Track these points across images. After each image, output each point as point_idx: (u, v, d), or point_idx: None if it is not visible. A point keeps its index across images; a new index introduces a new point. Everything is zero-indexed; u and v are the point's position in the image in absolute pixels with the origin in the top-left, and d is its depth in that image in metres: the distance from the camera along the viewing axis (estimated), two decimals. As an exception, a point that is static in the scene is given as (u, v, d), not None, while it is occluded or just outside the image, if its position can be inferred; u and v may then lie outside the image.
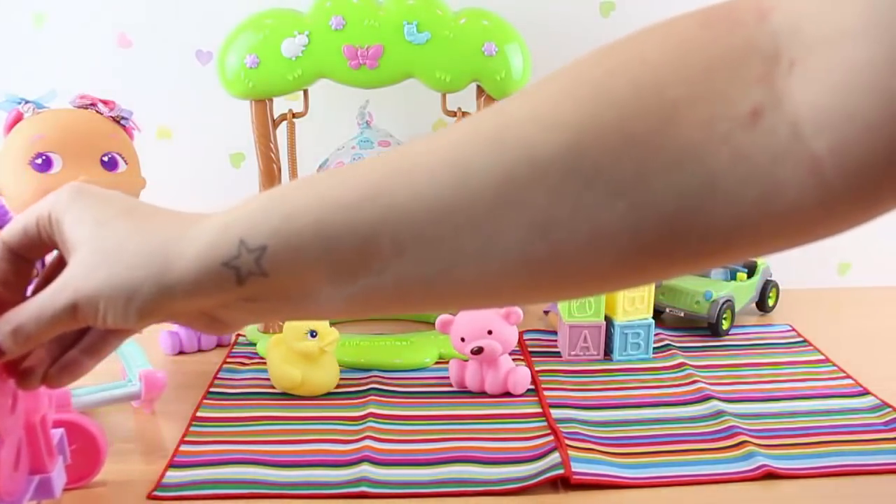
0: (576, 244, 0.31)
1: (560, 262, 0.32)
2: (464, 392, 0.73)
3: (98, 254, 0.34)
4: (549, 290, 0.35)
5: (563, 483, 0.57)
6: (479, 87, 0.82)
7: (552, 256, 0.32)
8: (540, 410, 0.69)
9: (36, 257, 0.39)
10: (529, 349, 0.82)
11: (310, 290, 0.33)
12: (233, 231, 0.33)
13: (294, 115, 0.83)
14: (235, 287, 0.33)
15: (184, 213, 0.36)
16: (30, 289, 0.40)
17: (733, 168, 0.29)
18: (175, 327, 0.83)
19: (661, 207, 0.30)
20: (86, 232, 0.35)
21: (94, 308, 0.34)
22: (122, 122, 0.74)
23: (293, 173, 0.83)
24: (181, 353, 0.83)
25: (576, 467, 0.58)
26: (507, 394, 0.72)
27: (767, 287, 0.92)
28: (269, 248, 0.32)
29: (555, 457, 0.59)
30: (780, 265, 0.96)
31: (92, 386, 0.65)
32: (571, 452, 0.60)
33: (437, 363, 0.79)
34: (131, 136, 0.75)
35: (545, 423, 0.66)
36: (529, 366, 0.77)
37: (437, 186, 0.31)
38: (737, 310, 0.88)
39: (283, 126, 0.83)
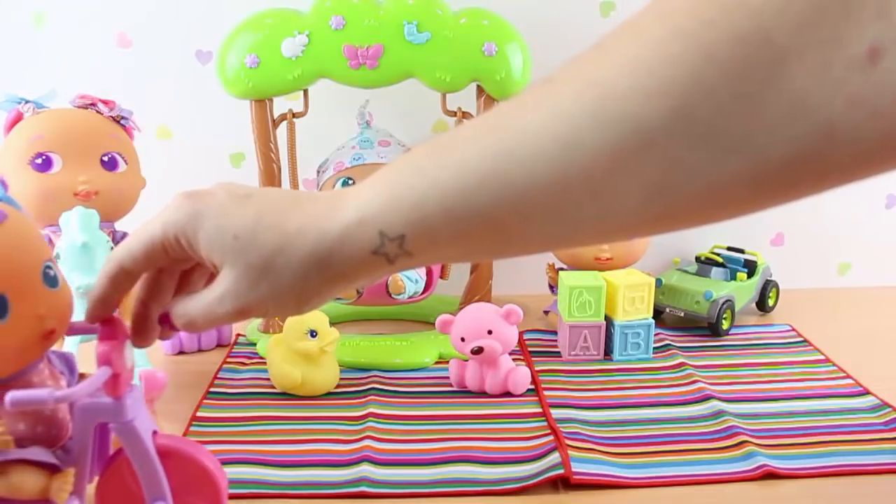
0: (693, 200, 0.32)
1: (678, 216, 0.33)
2: (464, 392, 0.73)
3: (252, 270, 0.38)
4: (666, 231, 0.36)
5: (563, 483, 0.57)
6: (479, 86, 0.82)
7: (669, 212, 0.33)
8: (540, 410, 0.69)
9: (144, 272, 0.43)
10: (529, 349, 0.82)
11: (450, 257, 0.38)
12: (370, 225, 0.36)
13: (294, 115, 0.83)
14: (387, 266, 0.37)
15: (307, 209, 0.38)
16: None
17: (851, 113, 0.28)
18: (175, 327, 0.83)
19: (777, 158, 0.30)
20: (227, 248, 0.38)
21: (263, 311, 0.39)
22: (122, 122, 0.74)
23: (293, 173, 0.83)
24: (181, 352, 0.83)
25: (576, 467, 0.58)
26: (507, 394, 0.72)
27: (767, 287, 0.92)
28: (408, 236, 0.36)
29: (555, 457, 0.59)
30: (780, 265, 0.96)
31: (92, 386, 0.65)
32: (571, 452, 0.60)
33: (437, 363, 0.79)
34: (131, 136, 0.75)
35: (545, 423, 0.66)
36: (529, 366, 0.77)
37: (550, 165, 0.32)
38: (737, 310, 0.88)
39: (283, 126, 0.83)
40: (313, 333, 0.70)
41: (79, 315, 0.45)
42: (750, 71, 0.29)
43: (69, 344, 0.64)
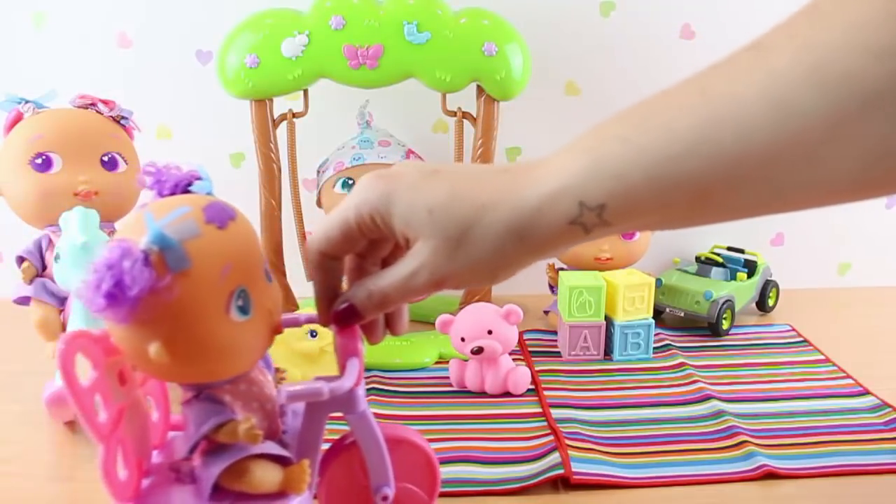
0: None
1: (894, 183, 0.32)
2: (464, 392, 0.73)
3: (449, 241, 0.38)
4: (873, 198, 0.35)
5: (563, 483, 0.57)
6: (479, 86, 0.82)
7: (886, 179, 0.32)
8: (540, 410, 0.69)
9: (345, 255, 0.44)
10: (529, 349, 0.82)
11: (647, 225, 0.38)
12: (569, 195, 0.36)
13: (294, 115, 0.83)
14: (583, 236, 0.37)
15: (500, 181, 0.38)
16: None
17: None
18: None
19: None
20: (423, 222, 0.39)
21: (457, 282, 0.40)
22: (122, 121, 0.74)
23: (293, 173, 0.83)
24: (181, 353, 0.83)
25: (576, 467, 0.58)
26: (507, 394, 0.72)
27: (767, 287, 0.92)
28: (608, 205, 0.36)
29: (555, 457, 0.59)
30: (780, 265, 0.96)
31: (92, 386, 0.65)
32: (571, 452, 0.60)
33: (437, 363, 0.79)
34: (131, 136, 0.75)
35: (545, 423, 0.66)
36: (529, 366, 0.77)
37: (764, 131, 0.32)
38: (737, 310, 0.88)
39: (283, 126, 0.83)
40: (313, 333, 0.70)
41: (76, 317, 0.45)
42: None
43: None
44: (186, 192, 0.42)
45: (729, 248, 0.96)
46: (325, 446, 0.47)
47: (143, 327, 0.37)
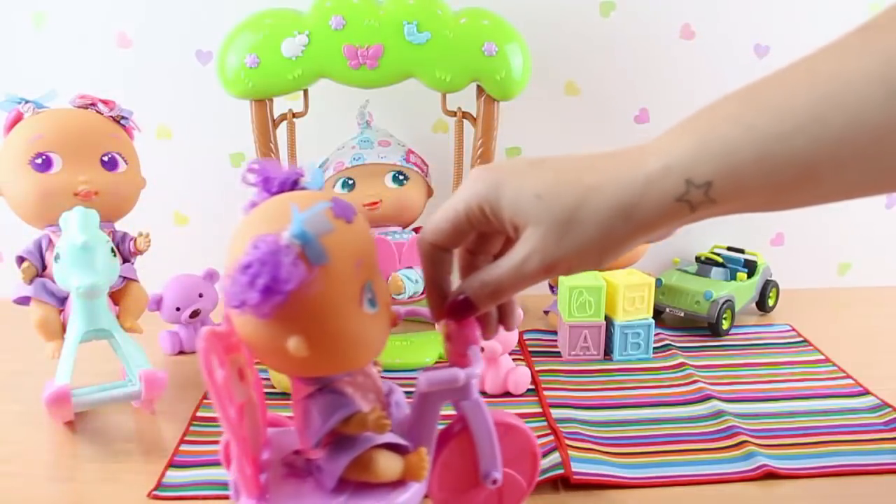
0: None
1: None
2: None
3: (558, 224, 0.39)
4: None
5: (563, 483, 0.57)
6: (479, 86, 0.82)
7: None
8: (540, 410, 0.68)
9: (455, 247, 0.45)
10: (529, 349, 0.82)
11: (752, 206, 0.37)
12: (676, 172, 0.37)
13: (294, 115, 0.83)
14: (689, 214, 0.37)
15: (604, 165, 0.39)
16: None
17: None
18: (175, 327, 0.83)
19: None
20: (531, 207, 0.40)
21: (567, 266, 0.40)
22: (122, 121, 0.74)
23: (293, 173, 0.83)
24: (181, 353, 0.83)
25: (576, 467, 0.58)
26: (507, 394, 0.72)
27: (767, 287, 0.93)
28: (715, 183, 0.36)
29: (555, 457, 0.59)
30: (780, 265, 0.96)
31: (92, 386, 0.65)
32: (571, 452, 0.60)
33: (437, 363, 0.79)
34: (131, 136, 0.75)
35: (545, 423, 0.66)
36: (529, 366, 0.77)
37: (876, 110, 0.32)
38: (737, 310, 0.88)
39: (283, 126, 0.83)
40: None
41: (76, 317, 0.45)
42: None
43: (69, 345, 0.64)
44: (292, 189, 0.44)
45: (729, 248, 0.96)
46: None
47: (284, 322, 0.38)
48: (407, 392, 0.72)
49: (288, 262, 0.37)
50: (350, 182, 0.83)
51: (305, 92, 0.82)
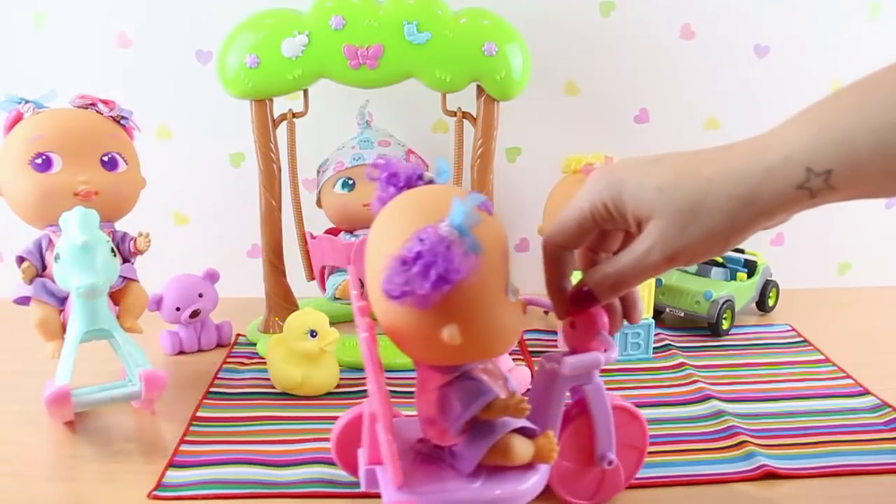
0: None
1: None
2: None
3: (681, 215, 0.41)
4: None
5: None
6: (479, 86, 0.82)
7: None
8: (540, 410, 0.68)
9: (579, 246, 0.48)
10: (529, 349, 0.82)
11: (869, 193, 0.39)
12: (797, 161, 0.39)
13: (294, 115, 0.83)
14: (808, 201, 0.39)
15: (721, 157, 0.41)
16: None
17: None
18: (175, 327, 0.83)
19: None
20: (653, 201, 0.42)
21: (691, 255, 0.42)
22: (122, 121, 0.74)
23: (293, 173, 0.83)
24: (181, 353, 0.83)
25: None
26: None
27: (767, 287, 0.92)
28: (835, 171, 0.38)
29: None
30: (780, 265, 0.96)
31: (92, 386, 0.65)
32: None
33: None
34: (131, 136, 0.75)
35: (545, 423, 0.66)
36: (529, 366, 0.77)
37: None
38: (737, 310, 0.88)
39: (283, 126, 0.83)
40: (313, 333, 0.70)
41: (76, 317, 0.45)
42: None
43: (69, 345, 0.64)
44: (416, 184, 0.46)
45: (729, 248, 0.96)
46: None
47: (441, 311, 0.40)
48: (403, 392, 0.72)
49: (459, 252, 0.39)
50: (350, 182, 0.83)
51: (305, 92, 0.82)
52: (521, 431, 0.46)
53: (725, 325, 0.86)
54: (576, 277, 0.53)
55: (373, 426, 0.48)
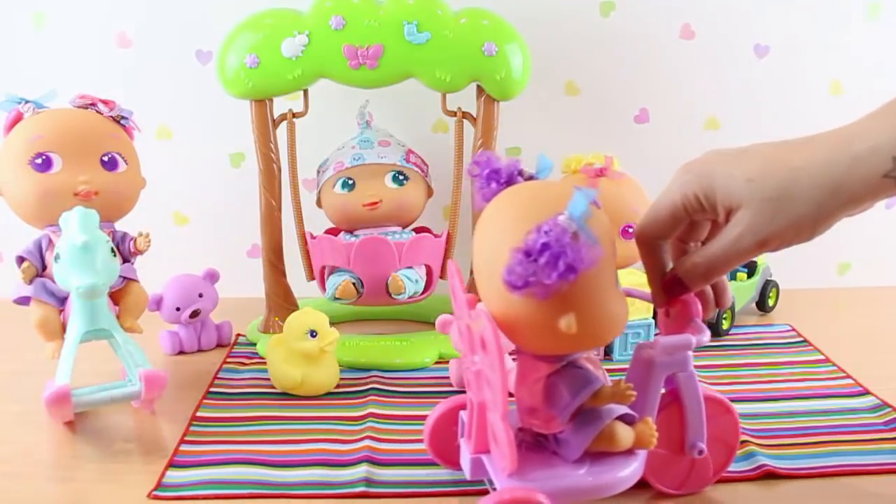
0: None
1: None
2: (464, 392, 0.72)
3: (770, 203, 0.43)
4: None
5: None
6: (479, 86, 0.82)
7: None
8: (540, 410, 0.68)
9: (671, 236, 0.50)
10: (529, 349, 0.82)
11: None
12: (884, 151, 0.41)
13: (294, 115, 0.83)
14: (893, 189, 0.41)
15: (807, 148, 0.43)
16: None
17: None
18: (175, 327, 0.83)
19: None
20: (742, 190, 0.44)
21: (779, 241, 0.44)
22: (122, 121, 0.74)
23: (293, 173, 0.83)
24: (181, 353, 0.83)
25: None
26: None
27: (767, 287, 0.92)
28: None
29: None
30: (780, 265, 0.96)
31: (92, 386, 0.65)
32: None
33: (437, 363, 0.79)
34: (131, 136, 0.75)
35: (545, 423, 0.66)
36: (529, 366, 0.77)
37: None
38: (737, 310, 0.88)
39: (283, 126, 0.83)
40: (313, 333, 0.70)
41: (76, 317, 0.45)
42: None
43: (69, 345, 0.64)
44: (516, 180, 0.47)
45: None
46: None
47: (559, 301, 0.42)
48: (403, 392, 0.72)
49: (585, 243, 0.41)
50: (350, 182, 0.83)
51: (305, 92, 0.82)
52: (621, 418, 0.48)
53: (725, 324, 0.86)
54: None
55: (482, 416, 0.49)
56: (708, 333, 0.50)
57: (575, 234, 0.41)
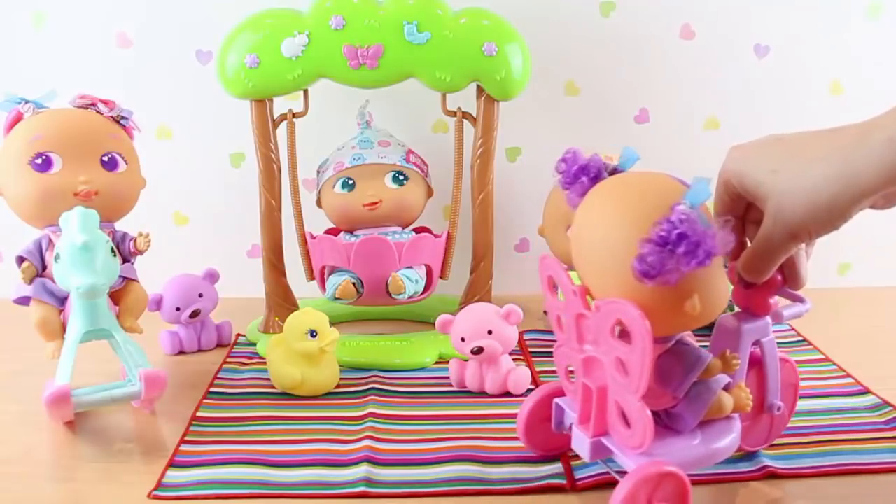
0: None
1: None
2: (464, 392, 0.73)
3: (790, 195, 0.44)
4: None
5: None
6: (479, 86, 0.82)
7: None
8: (540, 410, 0.69)
9: (735, 214, 0.51)
10: (529, 349, 0.82)
11: None
12: None
13: (294, 115, 0.83)
14: None
15: (829, 139, 0.44)
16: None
17: None
18: (175, 327, 0.83)
19: None
20: (767, 181, 0.46)
21: (806, 233, 0.45)
22: (122, 121, 0.74)
23: (293, 173, 0.83)
24: (181, 353, 0.83)
25: (578, 472, 0.58)
26: (508, 394, 0.72)
27: (767, 287, 0.92)
28: None
29: (556, 465, 0.59)
30: (780, 265, 0.96)
31: (92, 386, 0.65)
32: (573, 461, 0.60)
33: (437, 363, 0.79)
34: (131, 136, 0.75)
35: (545, 423, 0.66)
36: (529, 366, 0.77)
37: None
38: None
39: (283, 126, 0.83)
40: (313, 333, 0.70)
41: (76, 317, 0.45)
42: None
43: (69, 345, 0.64)
44: (603, 174, 0.49)
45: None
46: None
47: (685, 284, 0.44)
48: (403, 392, 0.72)
49: (722, 230, 0.42)
50: (350, 182, 0.83)
51: (305, 92, 0.82)
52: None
53: (725, 324, 0.86)
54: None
55: (601, 400, 0.51)
56: (808, 304, 0.54)
57: (718, 223, 0.43)
